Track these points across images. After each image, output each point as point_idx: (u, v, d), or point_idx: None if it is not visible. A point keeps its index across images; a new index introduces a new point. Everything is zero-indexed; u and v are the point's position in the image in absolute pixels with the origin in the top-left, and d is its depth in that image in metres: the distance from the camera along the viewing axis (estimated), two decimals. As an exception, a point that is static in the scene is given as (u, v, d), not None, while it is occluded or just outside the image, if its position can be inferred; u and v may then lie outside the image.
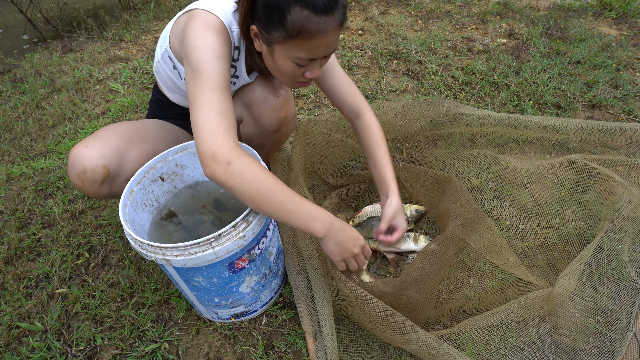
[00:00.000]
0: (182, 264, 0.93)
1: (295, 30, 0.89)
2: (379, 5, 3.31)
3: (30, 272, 1.45)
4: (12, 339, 1.27)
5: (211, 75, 0.92)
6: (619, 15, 2.85)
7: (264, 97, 1.20)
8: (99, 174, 1.09)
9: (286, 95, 1.24)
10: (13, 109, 2.44)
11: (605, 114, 1.93)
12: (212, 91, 0.91)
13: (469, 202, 1.32)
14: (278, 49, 0.96)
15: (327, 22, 0.89)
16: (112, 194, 1.18)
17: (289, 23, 0.88)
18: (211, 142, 0.88)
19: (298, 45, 0.92)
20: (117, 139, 1.15)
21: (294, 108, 1.32)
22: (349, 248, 1.02)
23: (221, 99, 0.92)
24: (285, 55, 0.96)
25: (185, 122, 1.40)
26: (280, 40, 0.92)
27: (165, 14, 3.59)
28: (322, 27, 0.89)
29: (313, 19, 0.88)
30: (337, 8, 0.90)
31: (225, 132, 0.89)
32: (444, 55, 2.48)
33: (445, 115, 1.72)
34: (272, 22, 0.90)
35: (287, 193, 0.92)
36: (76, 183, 1.10)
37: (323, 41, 0.93)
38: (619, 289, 1.17)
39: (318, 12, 0.87)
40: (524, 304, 1.09)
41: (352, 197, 1.57)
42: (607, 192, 1.44)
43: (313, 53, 0.95)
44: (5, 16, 4.05)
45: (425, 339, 0.98)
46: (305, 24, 0.88)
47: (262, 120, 1.22)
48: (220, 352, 1.18)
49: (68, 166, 1.10)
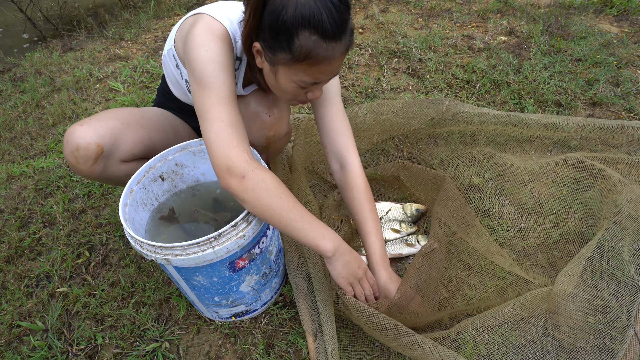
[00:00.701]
0: (182, 263, 0.93)
1: (302, 55, 0.86)
2: (379, 3, 3.30)
3: (31, 271, 1.46)
4: (13, 338, 1.27)
5: (218, 87, 0.92)
6: (620, 12, 2.84)
7: (254, 114, 1.18)
8: (91, 152, 1.09)
9: (278, 115, 1.21)
10: (13, 108, 2.44)
11: (606, 112, 1.93)
12: (221, 104, 0.92)
13: (460, 208, 1.32)
14: (282, 70, 0.93)
15: (335, 48, 0.87)
16: (106, 175, 1.17)
17: (296, 47, 0.85)
18: (225, 156, 0.89)
19: (303, 70, 0.91)
20: (114, 120, 1.15)
21: (286, 126, 1.28)
22: (354, 270, 1.02)
23: (231, 112, 0.92)
24: (289, 78, 0.94)
25: (186, 116, 1.40)
26: (285, 62, 0.90)
27: (165, 12, 3.59)
28: (330, 54, 0.87)
29: (321, 45, 0.85)
30: (346, 34, 0.87)
31: (238, 145, 0.91)
32: (444, 54, 2.48)
33: (445, 113, 1.72)
34: (278, 44, 0.87)
35: (297, 210, 0.93)
36: (70, 161, 1.11)
37: (329, 67, 0.91)
38: (619, 288, 1.17)
39: (327, 38, 0.85)
40: (524, 302, 1.09)
41: (352, 195, 1.57)
42: (608, 190, 1.44)
43: (317, 78, 0.93)
44: (5, 15, 4.04)
45: (422, 343, 0.97)
46: (312, 49, 0.85)
47: (250, 136, 1.19)
48: (220, 351, 1.18)
49: (63, 144, 1.10)
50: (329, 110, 1.20)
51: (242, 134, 0.94)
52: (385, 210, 1.44)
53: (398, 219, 1.43)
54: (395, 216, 1.43)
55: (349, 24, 0.88)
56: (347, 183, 1.20)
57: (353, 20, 1.10)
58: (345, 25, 0.87)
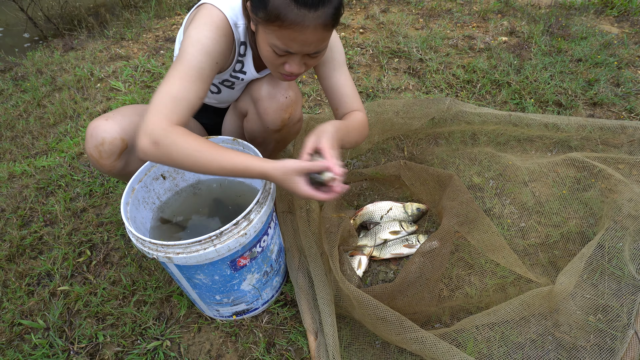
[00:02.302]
0: (184, 261, 0.93)
1: (274, 14, 0.87)
2: (380, 3, 3.31)
3: (32, 269, 1.46)
4: (14, 336, 1.27)
5: (189, 64, 0.95)
6: (620, 13, 2.84)
7: (271, 94, 1.19)
8: (117, 147, 1.09)
9: (294, 97, 1.23)
10: (14, 107, 2.44)
11: (607, 112, 1.93)
12: (181, 78, 0.94)
13: (468, 201, 1.32)
14: (260, 31, 0.95)
15: (307, 16, 0.86)
16: (126, 171, 1.17)
17: (270, 5, 0.86)
18: (150, 121, 0.91)
19: (274, 32, 0.91)
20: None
21: (300, 112, 1.30)
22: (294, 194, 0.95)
23: (185, 88, 0.94)
24: (265, 40, 0.95)
25: (196, 112, 1.40)
26: (261, 22, 0.91)
27: (166, 12, 3.59)
28: (299, 20, 0.86)
29: (292, 8, 0.85)
30: (324, 7, 0.87)
31: (167, 114, 0.92)
32: (445, 54, 2.48)
33: (446, 113, 1.72)
34: (258, 1, 0.89)
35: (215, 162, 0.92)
36: (93, 155, 1.10)
37: (299, 35, 0.90)
38: (619, 287, 1.18)
39: (299, 3, 0.85)
40: (525, 301, 1.09)
41: (353, 195, 1.58)
42: (608, 190, 1.44)
43: (288, 45, 0.92)
44: (6, 14, 4.05)
45: (424, 338, 0.98)
46: (282, 10, 0.86)
47: (266, 117, 1.22)
48: (221, 349, 1.18)
49: (86, 138, 1.09)
50: (339, 77, 1.22)
51: (182, 109, 0.94)
52: (386, 209, 1.45)
53: (398, 219, 1.43)
54: (396, 215, 1.43)
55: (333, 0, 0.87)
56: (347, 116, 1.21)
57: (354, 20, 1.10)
58: None
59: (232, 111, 1.37)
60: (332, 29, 0.92)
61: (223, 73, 1.16)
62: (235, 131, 1.40)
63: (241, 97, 1.28)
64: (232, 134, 1.41)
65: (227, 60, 1.09)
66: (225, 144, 1.18)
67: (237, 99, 1.31)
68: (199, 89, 0.97)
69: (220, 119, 1.45)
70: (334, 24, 0.92)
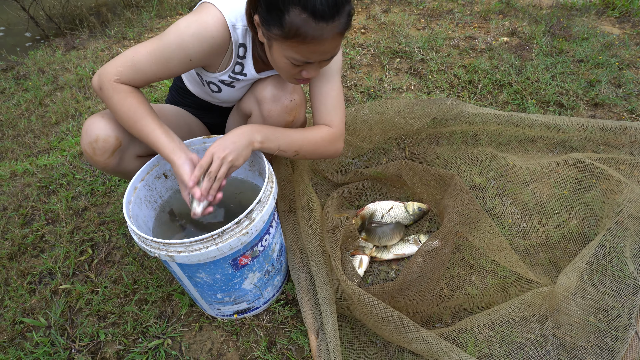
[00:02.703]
0: (186, 260, 0.93)
1: (292, 32, 0.88)
2: (381, 3, 3.31)
3: (34, 268, 1.46)
4: (16, 334, 1.27)
5: (162, 47, 1.00)
6: (622, 13, 2.84)
7: (276, 97, 1.18)
8: (110, 144, 1.10)
9: (299, 101, 1.22)
10: (16, 106, 2.44)
11: (608, 113, 1.93)
12: (149, 53, 1.01)
13: (469, 201, 1.32)
14: (275, 46, 0.96)
15: (325, 29, 0.88)
16: (120, 169, 1.18)
17: (287, 24, 0.87)
18: (106, 69, 1.02)
19: (294, 47, 0.92)
20: None
21: (304, 115, 1.29)
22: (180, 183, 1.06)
23: (147, 62, 1.02)
24: (281, 54, 0.96)
25: (201, 111, 1.41)
26: (277, 38, 0.92)
27: (167, 11, 3.60)
28: (319, 34, 0.88)
29: (311, 24, 0.86)
30: (339, 16, 0.88)
31: (122, 72, 1.01)
32: (446, 54, 2.48)
33: (447, 113, 1.72)
34: (271, 19, 0.90)
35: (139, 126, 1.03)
36: (87, 151, 1.11)
37: (319, 47, 0.92)
38: (620, 287, 1.18)
39: (317, 18, 0.86)
40: (526, 301, 1.09)
41: (354, 194, 1.58)
42: (610, 190, 1.44)
43: (308, 57, 0.95)
44: (7, 13, 4.05)
45: (425, 337, 0.98)
46: (301, 27, 0.87)
47: (269, 120, 1.21)
48: (222, 348, 1.19)
49: (81, 135, 1.11)
50: (325, 86, 1.18)
51: (136, 77, 1.03)
52: (387, 209, 1.45)
53: (401, 219, 1.44)
54: (397, 214, 1.44)
55: (346, 6, 0.89)
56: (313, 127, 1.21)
57: (355, 20, 1.12)
58: (339, 7, 0.87)
59: (235, 111, 1.37)
60: (346, 32, 0.95)
61: (220, 73, 1.16)
62: None
63: (245, 97, 1.28)
64: None
65: (213, 61, 1.10)
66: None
67: (241, 99, 1.31)
68: (159, 71, 1.04)
69: (224, 119, 1.45)
70: (348, 29, 0.94)
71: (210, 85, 1.22)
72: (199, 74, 1.21)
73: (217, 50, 1.04)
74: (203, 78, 1.21)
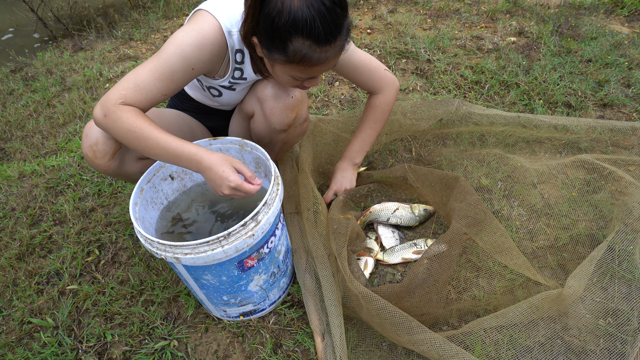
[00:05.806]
0: (192, 262, 0.93)
1: (297, 59, 0.91)
2: (387, 3, 3.30)
3: (42, 268, 1.47)
4: (24, 334, 1.28)
5: (163, 62, 0.99)
6: (631, 12, 2.81)
7: (277, 95, 1.20)
8: (110, 147, 1.10)
9: (300, 97, 1.23)
10: (25, 107, 2.47)
11: (617, 113, 1.91)
12: (150, 71, 0.99)
13: (476, 203, 1.31)
14: (278, 66, 0.99)
15: (329, 51, 0.91)
16: (121, 171, 1.18)
17: (291, 52, 0.90)
18: (107, 96, 0.98)
19: (298, 69, 0.95)
20: None
21: (306, 112, 1.31)
22: (217, 189, 0.99)
23: (149, 80, 0.99)
24: (285, 73, 1.00)
25: (202, 115, 1.42)
26: (280, 62, 0.95)
27: (174, 12, 3.61)
28: (324, 57, 0.92)
29: (315, 49, 0.89)
30: (340, 35, 0.91)
31: (125, 95, 0.98)
32: (453, 54, 2.47)
33: (454, 114, 1.71)
34: (273, 46, 0.92)
35: (153, 140, 0.97)
36: (88, 154, 1.11)
37: (324, 67, 0.96)
38: (630, 290, 1.16)
39: (320, 43, 0.88)
40: (534, 304, 1.08)
41: (360, 196, 1.57)
42: (619, 192, 1.42)
43: (312, 74, 0.99)
44: (16, 15, 4.09)
45: (433, 339, 0.98)
46: (306, 54, 0.90)
47: (272, 118, 1.22)
48: (228, 350, 1.19)
49: (82, 138, 1.11)
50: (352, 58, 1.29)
51: (140, 98, 0.99)
52: (393, 210, 1.44)
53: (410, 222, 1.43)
54: (403, 215, 1.43)
55: (345, 24, 0.91)
56: (370, 104, 1.42)
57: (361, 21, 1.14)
58: (340, 27, 0.90)
59: (238, 113, 1.38)
60: (346, 46, 0.98)
61: (220, 80, 1.17)
62: (241, 133, 1.41)
63: (247, 98, 1.28)
64: (239, 136, 1.41)
65: (213, 67, 1.11)
66: (232, 145, 1.19)
67: (242, 101, 1.31)
68: (165, 87, 1.01)
69: (226, 121, 1.45)
70: (349, 42, 0.98)
71: (210, 89, 1.23)
72: (200, 79, 1.22)
73: (217, 55, 1.05)
74: (203, 83, 1.22)
